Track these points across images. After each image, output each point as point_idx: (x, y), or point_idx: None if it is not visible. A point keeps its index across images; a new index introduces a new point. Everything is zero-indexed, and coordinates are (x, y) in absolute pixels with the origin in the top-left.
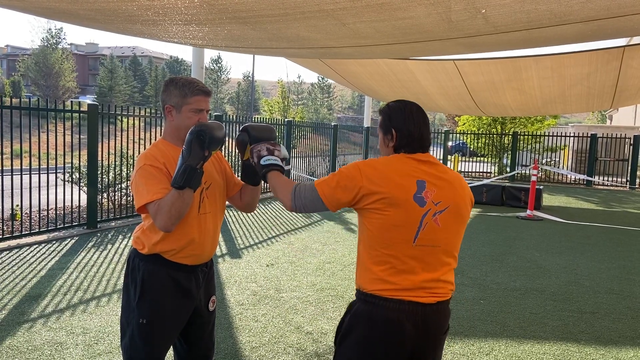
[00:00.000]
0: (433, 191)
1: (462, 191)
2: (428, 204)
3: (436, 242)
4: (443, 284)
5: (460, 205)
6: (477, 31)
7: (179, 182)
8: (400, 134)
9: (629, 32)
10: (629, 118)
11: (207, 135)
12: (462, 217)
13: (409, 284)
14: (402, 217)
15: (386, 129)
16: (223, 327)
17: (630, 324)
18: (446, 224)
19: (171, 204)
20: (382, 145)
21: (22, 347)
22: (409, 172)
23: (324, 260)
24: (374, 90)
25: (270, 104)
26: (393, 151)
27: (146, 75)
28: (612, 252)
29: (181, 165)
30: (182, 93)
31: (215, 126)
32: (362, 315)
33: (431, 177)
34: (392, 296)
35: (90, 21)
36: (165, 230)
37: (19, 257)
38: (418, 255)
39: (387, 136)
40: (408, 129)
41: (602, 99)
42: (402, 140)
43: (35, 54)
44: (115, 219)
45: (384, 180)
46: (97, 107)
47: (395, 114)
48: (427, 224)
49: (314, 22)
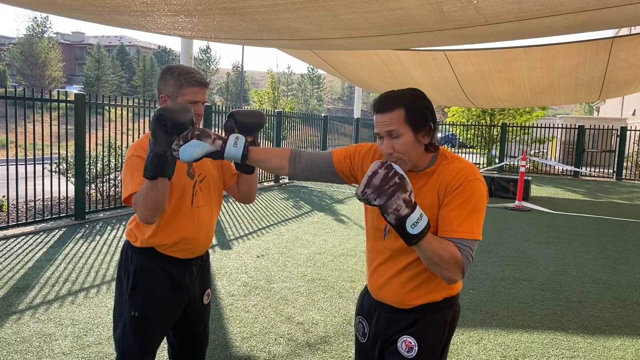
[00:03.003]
0: None
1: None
2: None
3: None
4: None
5: None
6: (468, 22)
7: (149, 172)
8: (433, 128)
9: (618, 24)
10: (616, 110)
11: (168, 120)
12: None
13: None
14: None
15: (423, 123)
16: (214, 318)
17: (617, 313)
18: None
19: (145, 195)
20: (410, 145)
21: (10, 339)
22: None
23: (314, 251)
24: (364, 81)
25: (260, 95)
26: (423, 147)
27: (134, 65)
28: (599, 242)
29: (149, 154)
30: (178, 83)
31: (177, 109)
32: (455, 317)
33: None
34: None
35: (77, 12)
36: (146, 222)
37: (6, 249)
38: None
39: (422, 130)
40: (435, 121)
41: (591, 91)
42: (433, 133)
43: (21, 43)
44: (104, 210)
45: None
46: (84, 97)
47: (430, 105)
48: None
49: (304, 13)
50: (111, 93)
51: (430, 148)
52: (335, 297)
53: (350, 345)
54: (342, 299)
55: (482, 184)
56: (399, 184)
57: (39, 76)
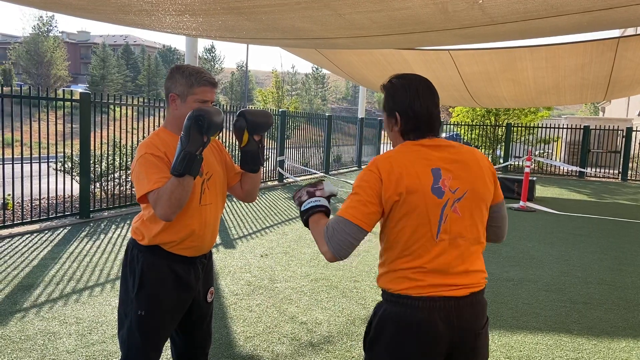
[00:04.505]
0: (449, 178)
1: (478, 169)
2: (446, 194)
3: (460, 232)
4: (474, 274)
5: (478, 186)
6: (473, 22)
7: (178, 170)
8: (406, 117)
9: (625, 23)
10: (622, 110)
11: (206, 120)
12: (482, 199)
13: (437, 279)
14: (423, 214)
15: (389, 111)
16: (217, 317)
17: (622, 315)
18: (467, 210)
19: (171, 192)
20: (386, 127)
21: (14, 337)
22: (421, 162)
23: (318, 251)
24: (369, 80)
25: (264, 94)
26: (399, 135)
27: (139, 64)
28: (604, 243)
29: (180, 151)
30: (189, 82)
31: (214, 111)
32: (390, 317)
33: (445, 162)
34: (420, 294)
35: (82, 11)
36: (166, 219)
37: (11, 247)
38: (443, 249)
39: (391, 119)
40: (414, 110)
41: (596, 91)
42: (408, 123)
43: (27, 42)
44: (108, 209)
45: (399, 177)
46: (90, 96)
47: (398, 92)
48: (448, 216)
49: (309, 13)
50: (116, 92)
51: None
52: (338, 296)
53: (354, 345)
54: (346, 299)
55: (366, 169)
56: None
57: (45, 75)
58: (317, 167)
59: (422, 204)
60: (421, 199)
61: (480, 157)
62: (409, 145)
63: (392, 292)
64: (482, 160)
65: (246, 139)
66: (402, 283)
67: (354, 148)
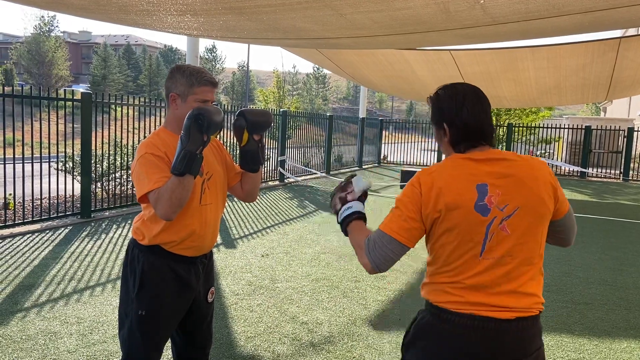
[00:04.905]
0: (497, 194)
1: (534, 184)
2: (492, 211)
3: (508, 251)
4: (523, 297)
5: (533, 203)
6: (475, 22)
7: (178, 169)
8: (454, 127)
9: (626, 24)
10: (623, 110)
11: (206, 119)
12: (537, 216)
13: (477, 297)
14: (465, 232)
15: (437, 123)
16: (218, 317)
17: (623, 315)
18: (517, 228)
19: (171, 191)
20: (437, 140)
21: (15, 337)
22: (467, 177)
23: (319, 251)
24: (370, 80)
25: (265, 94)
26: (450, 147)
27: (140, 64)
28: (605, 244)
29: (180, 151)
30: (189, 82)
31: (214, 110)
32: (426, 327)
33: (493, 178)
34: (459, 310)
35: (84, 11)
36: (167, 218)
37: (12, 247)
38: (486, 268)
39: (440, 131)
40: (462, 119)
41: (598, 91)
42: (457, 133)
43: (28, 41)
44: (109, 209)
45: (439, 194)
46: (91, 95)
47: (444, 103)
48: (494, 234)
49: (310, 13)
50: (117, 92)
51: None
52: (339, 297)
53: (355, 345)
54: (347, 299)
55: (409, 183)
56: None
57: (46, 75)
58: (318, 167)
59: (464, 222)
60: (462, 217)
61: (539, 170)
62: (455, 158)
63: (432, 302)
64: (540, 173)
65: (246, 138)
66: (441, 296)
67: (355, 148)
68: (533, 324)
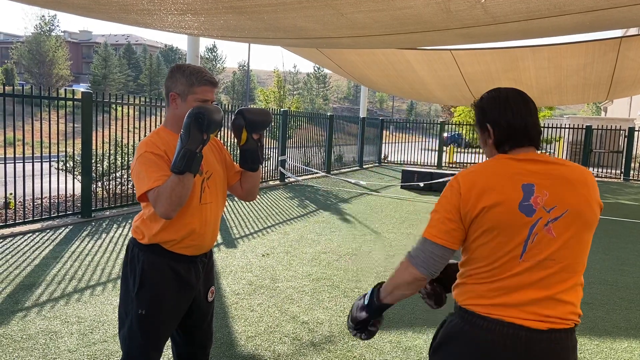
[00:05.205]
0: (544, 195)
1: (585, 190)
2: (538, 212)
3: (550, 255)
4: (560, 305)
5: (582, 208)
6: (475, 22)
7: (178, 167)
8: (498, 127)
9: (627, 23)
10: (624, 110)
11: (206, 118)
12: (585, 223)
13: (510, 302)
14: (506, 232)
15: (481, 125)
16: (219, 316)
17: (624, 315)
18: (564, 232)
19: (171, 190)
20: (481, 143)
21: (16, 336)
22: (511, 176)
23: (319, 250)
24: (370, 80)
25: (266, 94)
26: (494, 148)
27: (140, 63)
28: (606, 244)
29: (180, 149)
30: (189, 82)
31: (213, 109)
32: (453, 331)
33: (541, 178)
34: (488, 314)
35: (84, 10)
36: (166, 217)
37: (13, 246)
38: (524, 270)
39: (484, 133)
40: (507, 120)
41: (598, 90)
42: (502, 134)
43: (29, 41)
44: (110, 208)
45: (480, 192)
46: (91, 95)
47: (488, 104)
48: (538, 236)
49: (311, 12)
50: (118, 91)
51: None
52: (340, 296)
53: (355, 345)
54: (347, 299)
55: (448, 183)
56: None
57: (46, 74)
58: (319, 166)
59: (506, 222)
60: (505, 216)
61: (590, 176)
62: (499, 158)
63: (461, 305)
64: (591, 179)
65: (245, 137)
66: (472, 298)
67: (355, 148)
68: (567, 337)
